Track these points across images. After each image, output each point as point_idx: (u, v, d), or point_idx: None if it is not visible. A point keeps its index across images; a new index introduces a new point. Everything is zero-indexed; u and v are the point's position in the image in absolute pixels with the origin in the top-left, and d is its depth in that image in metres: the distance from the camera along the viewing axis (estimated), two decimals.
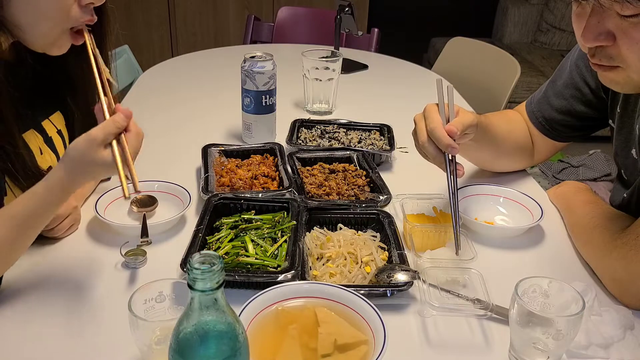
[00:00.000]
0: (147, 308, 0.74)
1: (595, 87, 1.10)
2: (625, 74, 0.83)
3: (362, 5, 3.69)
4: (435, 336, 0.83)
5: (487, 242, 1.04)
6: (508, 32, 4.26)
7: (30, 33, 0.86)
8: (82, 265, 0.96)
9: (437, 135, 0.95)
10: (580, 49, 1.11)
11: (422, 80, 2.05)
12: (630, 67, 0.82)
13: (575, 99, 1.13)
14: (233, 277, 0.87)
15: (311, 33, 2.62)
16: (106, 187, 1.12)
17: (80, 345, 0.79)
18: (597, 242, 0.96)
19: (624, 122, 1.02)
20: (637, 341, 0.79)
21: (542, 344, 0.73)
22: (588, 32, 0.81)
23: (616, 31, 0.79)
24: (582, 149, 3.04)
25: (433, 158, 0.99)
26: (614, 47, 0.81)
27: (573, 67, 1.13)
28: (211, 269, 0.54)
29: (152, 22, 3.66)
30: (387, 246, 0.98)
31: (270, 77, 1.35)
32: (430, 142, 0.97)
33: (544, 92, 1.20)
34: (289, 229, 0.99)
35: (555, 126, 1.18)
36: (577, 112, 1.14)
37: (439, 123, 0.96)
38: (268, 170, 1.21)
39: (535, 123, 1.20)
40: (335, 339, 0.72)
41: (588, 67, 1.10)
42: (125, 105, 1.44)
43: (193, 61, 2.17)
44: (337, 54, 1.64)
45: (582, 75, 1.11)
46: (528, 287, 0.77)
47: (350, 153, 1.30)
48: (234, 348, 0.57)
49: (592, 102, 1.12)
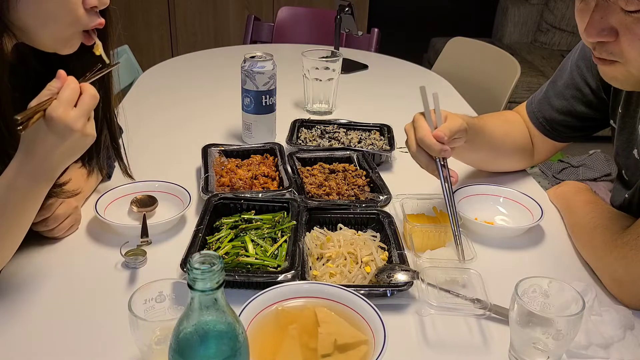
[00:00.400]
0: (147, 308, 0.74)
1: (595, 87, 1.10)
2: (625, 69, 0.84)
3: (362, 5, 3.69)
4: (435, 336, 0.83)
5: (487, 242, 1.04)
6: (508, 32, 4.26)
7: (38, 35, 0.86)
8: (82, 265, 0.96)
9: (427, 143, 0.97)
10: (582, 50, 1.11)
11: (422, 80, 2.03)
12: (630, 63, 0.82)
13: (575, 99, 1.13)
14: (233, 277, 0.87)
15: (311, 33, 2.62)
16: (106, 187, 1.12)
17: (80, 345, 0.79)
18: (597, 242, 0.96)
19: (625, 122, 1.02)
20: (637, 341, 0.79)
21: (542, 344, 0.73)
22: (591, 27, 0.82)
23: (619, 27, 0.80)
24: (582, 149, 3.04)
25: (426, 166, 1.00)
26: (615, 43, 0.81)
27: (574, 68, 1.13)
28: (211, 269, 0.54)
29: (152, 22, 3.66)
30: (387, 246, 0.98)
31: (270, 77, 1.35)
32: (421, 150, 0.99)
33: (545, 93, 1.20)
34: (289, 229, 0.99)
35: (556, 126, 1.18)
36: (577, 113, 1.14)
37: (427, 131, 0.97)
38: (268, 170, 1.21)
39: (535, 123, 1.20)
40: (335, 339, 0.72)
41: (589, 68, 1.10)
42: (125, 105, 1.44)
43: (193, 61, 2.17)
44: (337, 54, 1.64)
45: (582, 76, 1.11)
46: (528, 287, 0.77)
47: (350, 153, 1.30)
48: (234, 348, 0.57)
49: (592, 103, 1.12)
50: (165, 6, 3.63)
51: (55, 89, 0.79)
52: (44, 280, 0.91)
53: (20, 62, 0.93)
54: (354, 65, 2.08)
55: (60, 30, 0.87)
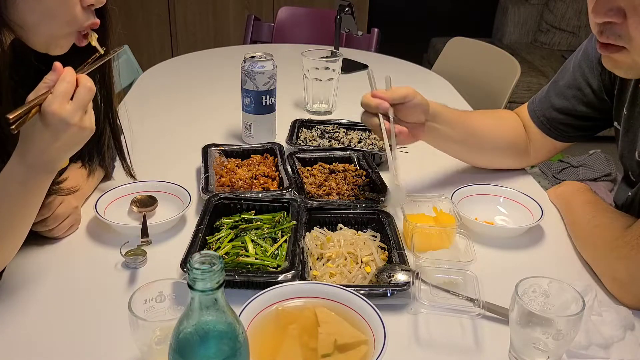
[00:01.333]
0: (147, 308, 0.74)
1: (597, 88, 1.10)
2: (630, 57, 0.84)
3: (362, 5, 3.68)
4: (436, 336, 0.83)
5: (487, 242, 1.04)
6: (508, 32, 4.26)
7: (34, 32, 0.86)
8: (82, 265, 0.96)
9: (364, 102, 1.04)
10: (584, 51, 1.12)
11: (422, 80, 2.05)
12: (635, 49, 0.82)
13: (576, 100, 1.13)
14: (233, 277, 0.87)
15: (311, 33, 2.62)
16: (106, 187, 1.12)
17: (81, 345, 0.79)
18: (597, 242, 0.96)
19: (630, 124, 1.03)
20: (637, 341, 0.79)
21: (542, 344, 0.73)
22: (599, 6, 0.82)
23: (627, 8, 0.80)
24: (582, 149, 3.04)
25: (370, 125, 1.05)
26: (622, 25, 0.82)
27: (576, 68, 1.13)
28: (211, 269, 0.54)
29: (152, 22, 3.66)
30: (387, 246, 0.98)
31: (270, 77, 1.35)
32: (365, 113, 1.06)
33: (546, 92, 1.20)
34: (289, 229, 0.99)
35: (557, 125, 1.18)
36: (578, 112, 1.14)
37: (367, 94, 1.05)
38: (268, 170, 1.21)
39: (536, 122, 1.21)
40: (335, 339, 0.72)
41: (591, 69, 1.10)
42: (125, 105, 1.44)
43: (193, 61, 2.17)
44: (337, 54, 1.64)
45: (584, 77, 1.11)
46: (528, 287, 0.77)
47: (350, 153, 1.30)
48: (234, 348, 0.57)
49: (593, 103, 1.12)
50: (165, 6, 3.63)
51: (51, 82, 0.78)
52: (44, 280, 0.91)
53: (18, 59, 0.93)
54: (354, 65, 2.08)
55: (57, 28, 0.86)
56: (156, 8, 3.62)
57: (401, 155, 1.36)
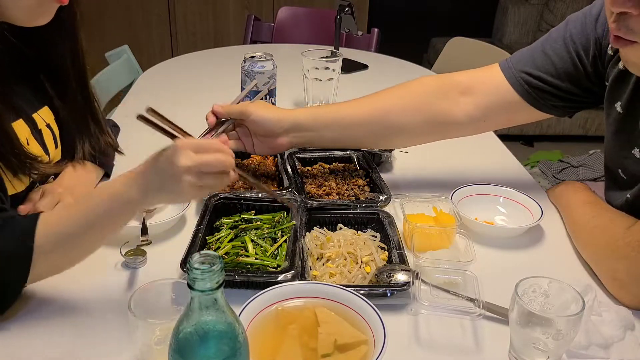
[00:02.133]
0: (147, 308, 0.74)
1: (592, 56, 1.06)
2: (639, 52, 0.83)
3: (362, 5, 3.69)
4: (435, 336, 0.83)
5: (487, 242, 1.04)
6: (508, 32, 4.26)
7: (10, 8, 0.84)
8: (82, 265, 0.95)
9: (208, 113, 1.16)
10: (573, 26, 1.09)
11: None
12: None
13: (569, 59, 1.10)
14: (233, 277, 0.86)
15: (311, 33, 2.62)
16: None
17: (80, 345, 0.79)
18: (597, 242, 0.95)
19: (626, 122, 1.02)
20: (637, 341, 0.79)
21: (542, 344, 0.73)
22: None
23: None
24: (582, 149, 3.05)
25: None
26: (637, 18, 0.81)
27: (568, 42, 1.10)
28: (211, 269, 0.54)
29: (152, 22, 3.66)
30: (387, 246, 0.98)
31: (270, 77, 1.35)
32: None
33: (530, 52, 1.18)
34: (289, 229, 0.99)
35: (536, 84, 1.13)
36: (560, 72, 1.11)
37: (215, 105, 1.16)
38: (268, 170, 1.21)
39: (514, 83, 1.16)
40: (335, 339, 0.72)
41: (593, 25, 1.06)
42: (125, 105, 1.44)
43: (193, 61, 2.17)
44: (337, 54, 1.64)
45: (577, 50, 1.08)
46: (528, 287, 0.77)
47: (350, 153, 1.29)
48: (234, 348, 0.57)
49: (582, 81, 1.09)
50: (165, 6, 3.63)
51: None
52: (44, 280, 0.91)
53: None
54: (354, 65, 2.08)
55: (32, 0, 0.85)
56: (156, 8, 3.62)
57: (402, 155, 1.37)
